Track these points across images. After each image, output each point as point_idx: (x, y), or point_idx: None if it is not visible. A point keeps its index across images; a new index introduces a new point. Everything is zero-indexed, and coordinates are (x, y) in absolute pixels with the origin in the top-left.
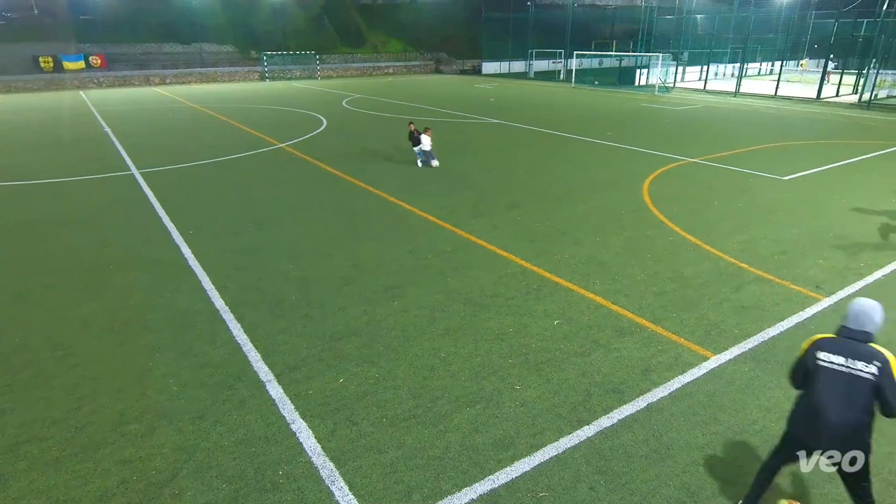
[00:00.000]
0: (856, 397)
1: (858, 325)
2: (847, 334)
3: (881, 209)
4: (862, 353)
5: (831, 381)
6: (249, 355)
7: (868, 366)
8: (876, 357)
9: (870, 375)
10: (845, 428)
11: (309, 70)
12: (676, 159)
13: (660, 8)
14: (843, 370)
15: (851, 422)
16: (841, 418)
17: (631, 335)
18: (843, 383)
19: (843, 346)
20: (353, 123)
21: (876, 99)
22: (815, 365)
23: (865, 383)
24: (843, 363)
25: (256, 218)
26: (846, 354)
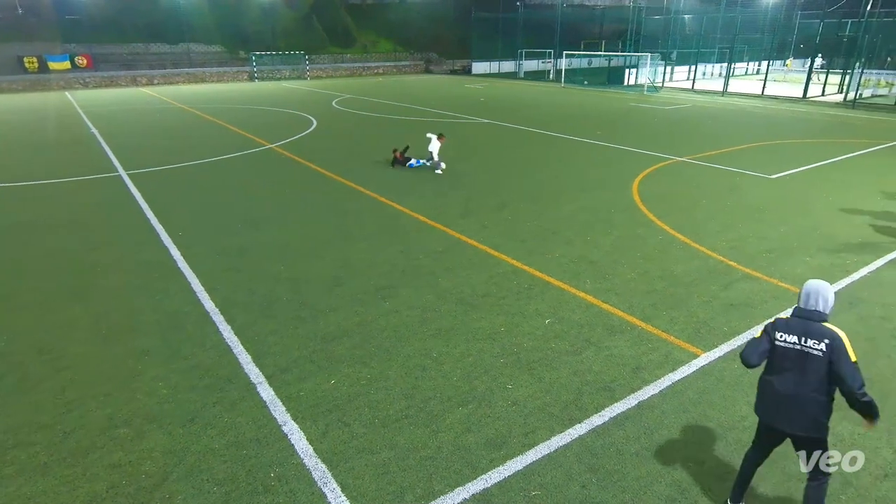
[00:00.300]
0: (810, 374)
1: (810, 305)
2: (800, 314)
3: (866, 208)
4: (814, 331)
5: (787, 359)
6: (240, 357)
7: (818, 343)
8: (826, 334)
9: (819, 352)
10: (802, 405)
11: (298, 70)
12: (665, 158)
13: (648, 8)
14: (797, 348)
15: (808, 398)
16: (798, 395)
17: (622, 333)
18: (797, 361)
19: (797, 325)
20: (343, 124)
21: (861, 98)
22: (772, 345)
23: (817, 360)
24: (796, 342)
25: (246, 219)
26: (800, 333)
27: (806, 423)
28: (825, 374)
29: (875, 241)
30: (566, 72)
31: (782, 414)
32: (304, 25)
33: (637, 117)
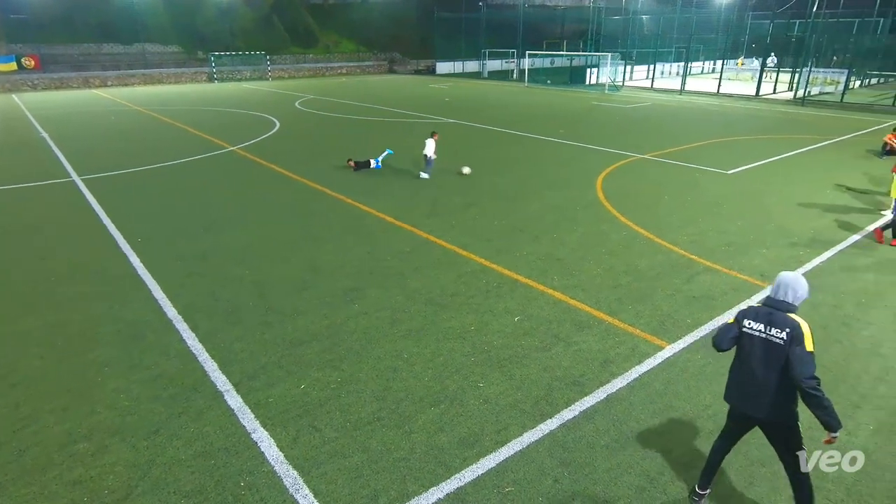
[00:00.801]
0: (772, 361)
1: (779, 296)
2: (770, 303)
3: (817, 201)
4: (779, 320)
5: (753, 346)
6: (206, 365)
7: (781, 332)
8: (788, 324)
9: (781, 341)
10: (767, 390)
11: (259, 71)
12: (627, 156)
13: (607, 9)
14: (762, 336)
15: (772, 385)
16: (763, 381)
17: (589, 328)
18: (762, 349)
19: (765, 313)
20: (306, 125)
21: (809, 96)
22: (741, 331)
23: (779, 348)
24: (762, 329)
25: (209, 223)
26: (766, 322)
27: (771, 408)
28: (785, 362)
29: (825, 232)
30: (529, 71)
31: (750, 399)
32: (264, 25)
33: (599, 116)
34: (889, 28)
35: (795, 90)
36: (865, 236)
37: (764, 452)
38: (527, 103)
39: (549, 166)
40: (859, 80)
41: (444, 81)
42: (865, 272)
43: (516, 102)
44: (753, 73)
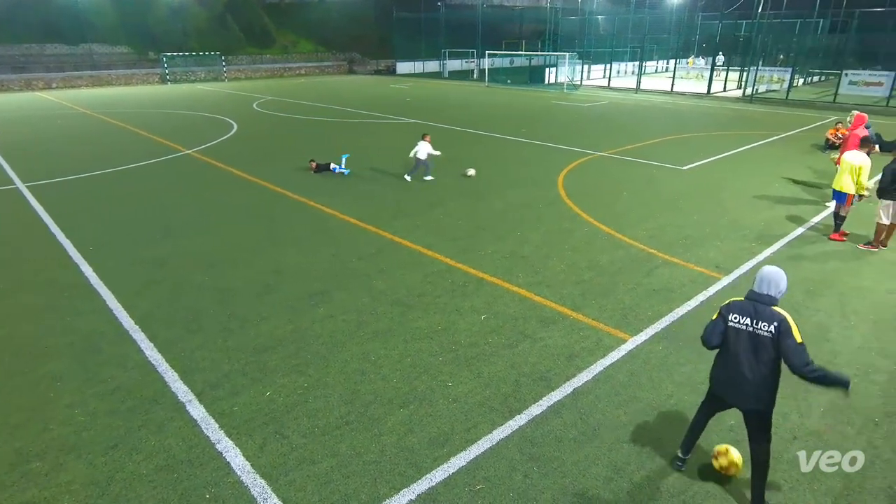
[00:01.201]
0: (760, 354)
1: (763, 290)
2: (753, 297)
3: (766, 194)
4: (764, 314)
5: (740, 340)
6: (165, 376)
7: (768, 326)
8: (775, 318)
9: (768, 334)
10: (754, 382)
11: (215, 71)
12: (587, 154)
13: (564, 9)
14: (749, 330)
15: (758, 377)
16: (750, 374)
17: (555, 324)
18: (749, 342)
19: (750, 308)
20: (265, 126)
21: (757, 93)
22: (727, 326)
23: (767, 341)
24: (748, 324)
25: (165, 229)
26: (752, 316)
27: (755, 399)
28: (773, 354)
29: (775, 225)
30: (489, 71)
31: (734, 389)
32: (218, 25)
33: (559, 115)
34: (828, 28)
35: (744, 88)
36: (811, 228)
37: (739, 420)
38: (488, 103)
39: (512, 165)
40: (802, 78)
41: (404, 81)
42: (812, 262)
43: (477, 102)
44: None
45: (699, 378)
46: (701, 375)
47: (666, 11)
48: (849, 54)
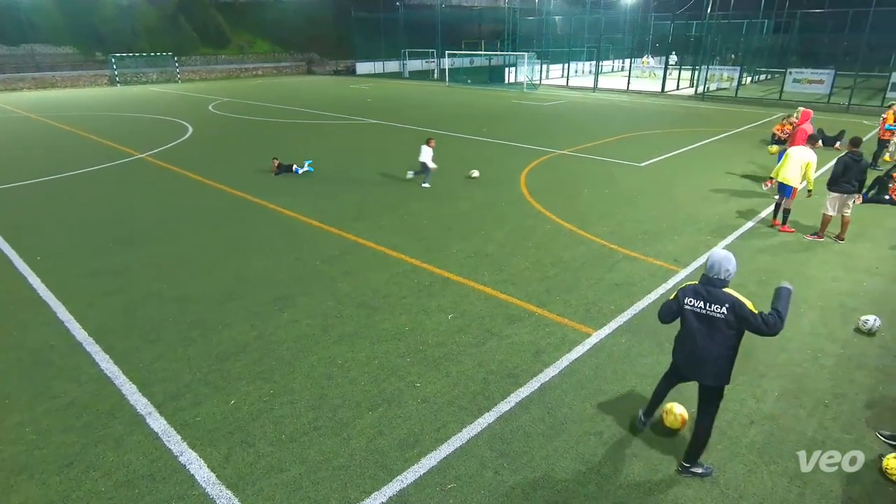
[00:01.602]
0: (715, 333)
1: (715, 273)
2: (706, 281)
3: (719, 188)
4: (717, 297)
5: (696, 322)
6: (123, 388)
7: (721, 307)
8: (727, 300)
9: (722, 315)
10: (709, 360)
11: (167, 73)
12: (548, 152)
13: (521, 9)
14: (703, 313)
15: (714, 355)
16: (706, 352)
17: (521, 321)
18: (705, 323)
19: (704, 292)
20: (222, 129)
21: (708, 91)
22: (683, 309)
23: (721, 322)
24: (702, 307)
25: (120, 237)
26: (705, 299)
27: (713, 376)
28: (728, 333)
29: (728, 218)
30: (450, 71)
31: (693, 366)
32: (170, 24)
33: (519, 114)
34: (773, 29)
35: (696, 86)
36: (761, 221)
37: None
38: (449, 102)
39: (474, 164)
40: (750, 77)
41: (364, 82)
42: (763, 253)
43: (438, 102)
44: (652, 70)
45: (660, 369)
46: (662, 367)
47: (620, 12)
48: (792, 53)
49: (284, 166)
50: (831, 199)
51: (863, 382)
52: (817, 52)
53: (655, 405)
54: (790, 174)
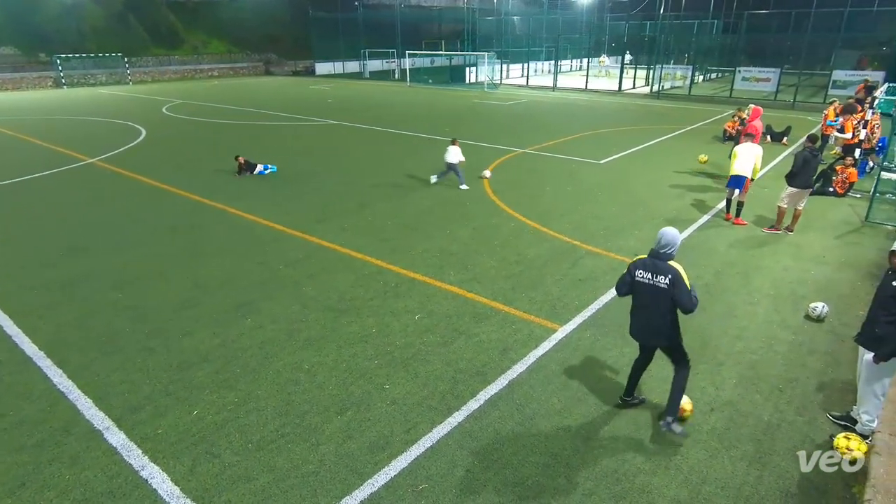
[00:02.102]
0: (661, 302)
1: (662, 248)
2: (654, 255)
3: (676, 184)
4: (662, 268)
5: (644, 292)
6: (78, 403)
7: (665, 278)
8: (670, 271)
9: (665, 285)
10: (658, 326)
11: (117, 74)
12: (510, 150)
13: (480, 9)
14: (650, 283)
15: (663, 321)
16: (655, 319)
17: (488, 319)
18: (651, 293)
19: (651, 264)
20: (177, 132)
21: (663, 90)
22: (634, 280)
23: (664, 292)
24: (650, 278)
25: (70, 246)
26: (652, 271)
27: (665, 338)
28: (670, 301)
29: (685, 212)
30: (411, 71)
31: (646, 333)
32: (119, 24)
33: (481, 113)
34: (722, 29)
35: (651, 85)
36: (715, 215)
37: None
38: (410, 102)
39: (437, 164)
40: (702, 75)
41: (324, 82)
42: (719, 245)
43: (400, 102)
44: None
45: (625, 360)
46: (626, 358)
47: (577, 12)
48: (740, 53)
49: (250, 164)
50: (789, 192)
51: (814, 367)
52: (764, 51)
53: (634, 384)
54: (745, 166)
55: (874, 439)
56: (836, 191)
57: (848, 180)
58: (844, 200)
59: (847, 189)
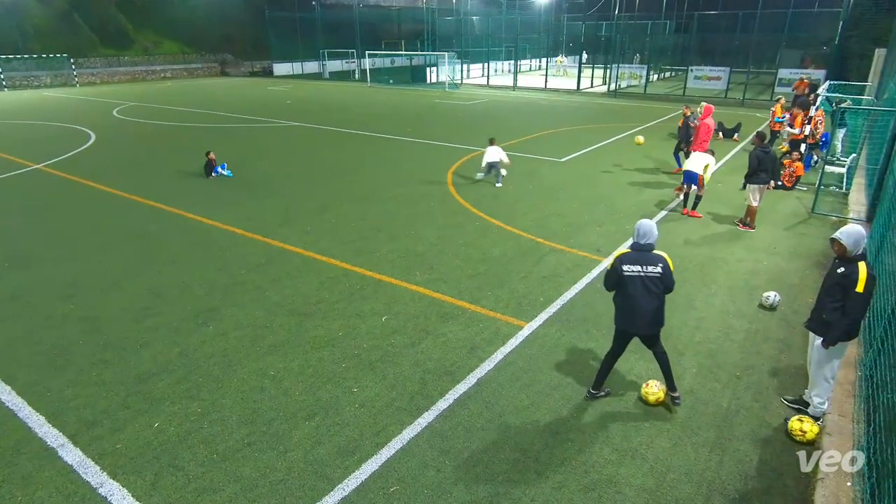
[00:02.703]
0: (652, 290)
1: (644, 240)
2: (639, 248)
3: (635, 180)
4: (651, 259)
5: (636, 285)
6: (29, 421)
7: (655, 268)
8: (659, 260)
9: (658, 274)
10: (652, 314)
11: (63, 76)
12: (473, 150)
13: (440, 10)
14: (641, 275)
15: (654, 308)
16: (648, 307)
17: (454, 319)
18: (642, 284)
19: (638, 257)
20: (130, 135)
21: (620, 89)
22: (622, 275)
23: (657, 280)
24: (640, 270)
25: (14, 257)
26: (641, 263)
27: (655, 325)
28: (661, 287)
29: (645, 207)
30: (371, 71)
31: (637, 322)
32: (64, 24)
33: (443, 113)
34: (674, 29)
35: (608, 84)
36: (673, 209)
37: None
38: (371, 103)
39: (400, 164)
40: (657, 74)
41: (283, 83)
42: (677, 238)
43: (361, 102)
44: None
45: (591, 355)
46: (592, 353)
47: (535, 13)
48: (692, 52)
49: (211, 163)
50: (753, 190)
51: (768, 354)
52: (714, 50)
53: (604, 377)
54: (694, 165)
55: (825, 421)
56: (784, 184)
57: (795, 174)
58: (792, 193)
59: (794, 182)
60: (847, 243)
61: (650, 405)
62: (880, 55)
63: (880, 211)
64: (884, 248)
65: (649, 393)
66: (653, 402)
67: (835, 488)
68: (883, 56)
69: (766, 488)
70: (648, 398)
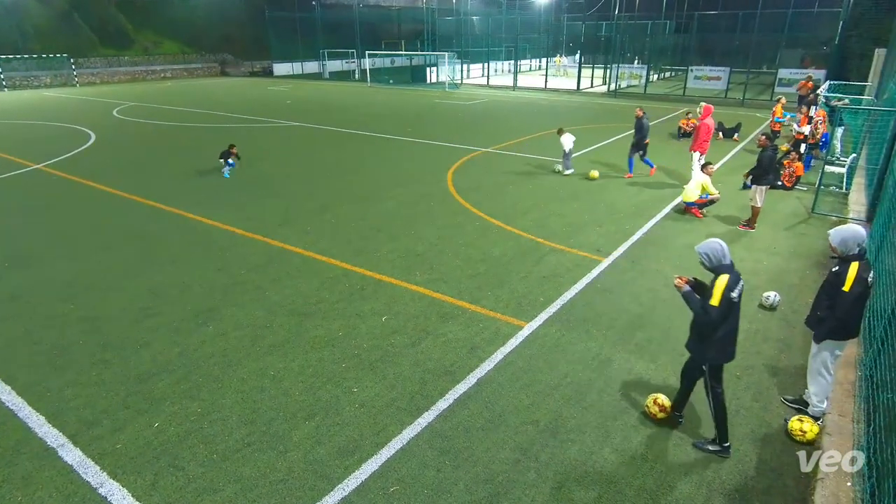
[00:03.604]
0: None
1: (729, 260)
2: (730, 269)
3: (635, 180)
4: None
5: (737, 310)
6: (29, 421)
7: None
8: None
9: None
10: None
11: (63, 76)
12: (472, 150)
13: (440, 10)
14: (740, 296)
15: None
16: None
17: (454, 319)
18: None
19: (737, 278)
20: (130, 135)
21: (620, 88)
22: (733, 303)
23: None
24: (740, 291)
25: (15, 256)
26: (739, 283)
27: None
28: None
29: (644, 207)
30: (371, 71)
31: (735, 348)
32: (64, 24)
33: (443, 113)
34: (674, 29)
35: (608, 84)
36: (672, 208)
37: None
38: (372, 103)
39: (400, 164)
40: (657, 74)
41: (283, 83)
42: (677, 238)
43: (361, 102)
44: (566, 69)
45: (590, 356)
46: (591, 353)
47: (535, 13)
48: (692, 52)
49: (226, 154)
50: (760, 191)
51: (768, 354)
52: (714, 50)
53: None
54: (690, 195)
55: (825, 421)
56: (785, 184)
57: (795, 174)
58: (792, 193)
59: (794, 182)
60: (833, 242)
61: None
62: (880, 55)
63: (880, 211)
64: (884, 248)
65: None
66: (659, 418)
67: (835, 488)
68: (883, 56)
69: (766, 488)
70: (658, 416)
